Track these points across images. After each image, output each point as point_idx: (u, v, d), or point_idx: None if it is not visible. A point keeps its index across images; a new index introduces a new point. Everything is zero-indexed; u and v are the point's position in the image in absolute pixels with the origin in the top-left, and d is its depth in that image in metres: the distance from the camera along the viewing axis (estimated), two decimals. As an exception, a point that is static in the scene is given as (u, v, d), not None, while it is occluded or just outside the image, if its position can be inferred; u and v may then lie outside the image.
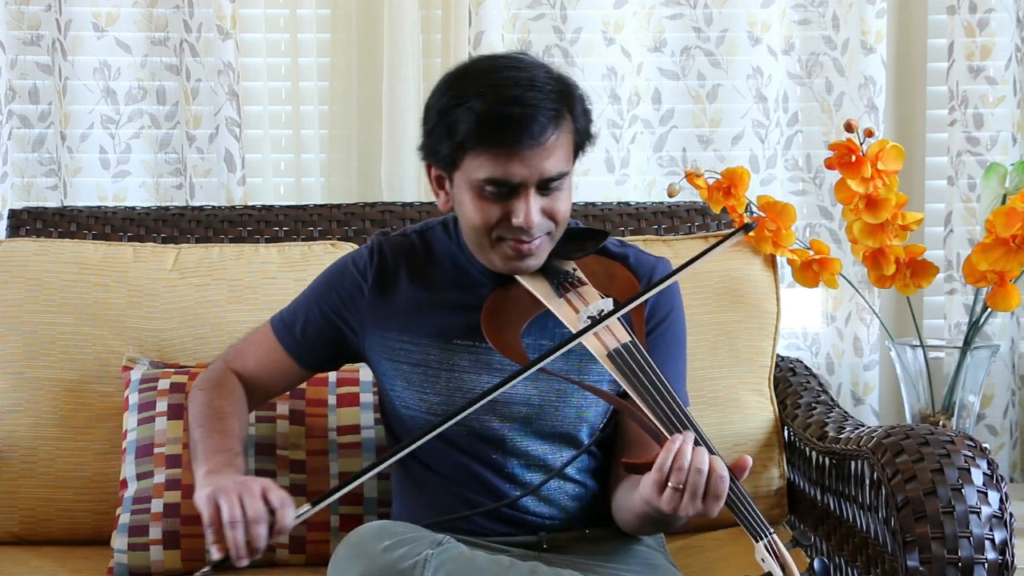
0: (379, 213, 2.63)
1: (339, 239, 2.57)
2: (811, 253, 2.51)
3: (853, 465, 2.10)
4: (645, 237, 2.51)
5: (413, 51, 2.82)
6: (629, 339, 1.82)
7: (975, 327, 2.56)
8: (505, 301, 1.92)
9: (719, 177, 2.51)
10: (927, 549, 1.86)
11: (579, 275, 1.93)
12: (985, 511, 1.87)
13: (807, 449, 2.32)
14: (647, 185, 2.91)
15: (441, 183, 1.92)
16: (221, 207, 2.68)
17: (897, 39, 2.96)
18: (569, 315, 1.87)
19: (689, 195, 2.70)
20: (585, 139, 1.90)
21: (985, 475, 1.90)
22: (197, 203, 2.83)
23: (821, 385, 2.52)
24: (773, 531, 1.67)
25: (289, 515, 1.76)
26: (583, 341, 1.82)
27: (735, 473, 1.70)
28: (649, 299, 1.93)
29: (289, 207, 2.67)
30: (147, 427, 2.26)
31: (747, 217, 2.50)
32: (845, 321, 2.92)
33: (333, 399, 2.27)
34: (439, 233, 2.03)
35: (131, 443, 2.26)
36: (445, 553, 1.73)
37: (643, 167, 2.91)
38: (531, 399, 1.95)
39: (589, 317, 1.85)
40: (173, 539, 2.18)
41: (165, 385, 2.28)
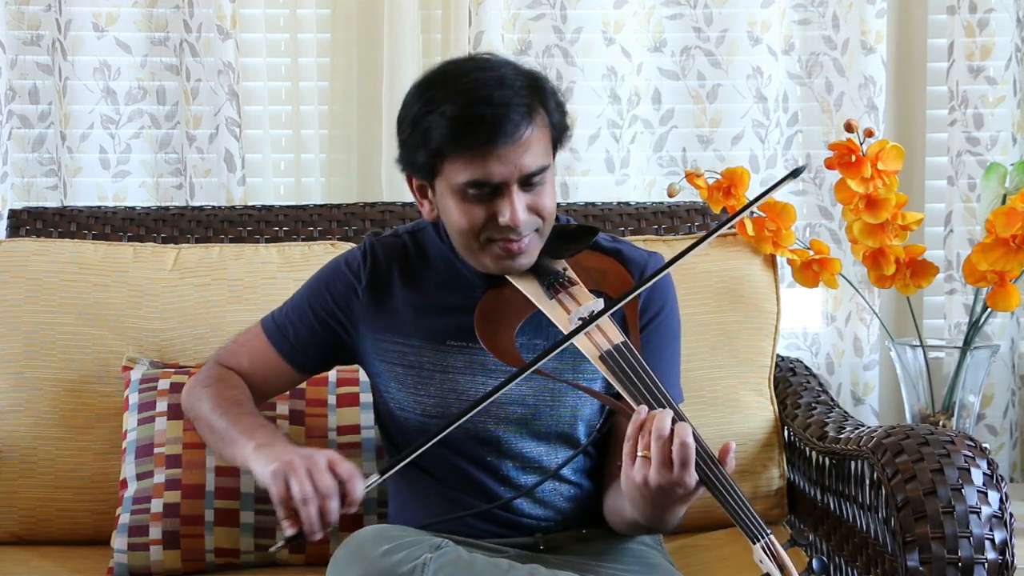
0: (379, 213, 2.63)
1: (339, 239, 2.57)
2: (811, 253, 2.51)
3: (853, 465, 2.10)
4: (645, 237, 2.51)
5: (413, 51, 2.82)
6: (621, 340, 1.82)
7: (975, 327, 2.56)
8: (497, 303, 1.91)
9: (719, 177, 2.51)
10: (927, 549, 1.86)
11: (570, 275, 1.92)
12: (985, 511, 1.87)
13: (807, 449, 2.32)
14: (647, 185, 2.91)
15: (424, 192, 1.92)
16: (221, 207, 2.69)
17: (897, 39, 2.96)
18: (560, 316, 1.86)
19: (689, 195, 2.70)
20: (562, 132, 1.89)
21: (985, 475, 1.90)
22: (197, 203, 2.83)
23: (821, 385, 2.52)
24: (771, 532, 1.67)
25: (359, 486, 1.76)
26: (575, 342, 1.81)
27: (720, 459, 1.69)
28: (641, 294, 1.93)
29: (289, 207, 2.67)
30: (147, 427, 2.26)
31: (747, 218, 2.50)
32: (845, 321, 2.92)
33: (333, 399, 2.27)
34: (431, 234, 2.02)
35: (131, 443, 2.26)
36: (444, 556, 1.73)
37: (643, 167, 2.91)
38: (525, 400, 1.95)
39: (580, 318, 1.84)
40: (173, 539, 2.18)
41: (165, 385, 2.28)
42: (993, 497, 1.88)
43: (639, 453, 1.67)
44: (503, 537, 1.95)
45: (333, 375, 2.28)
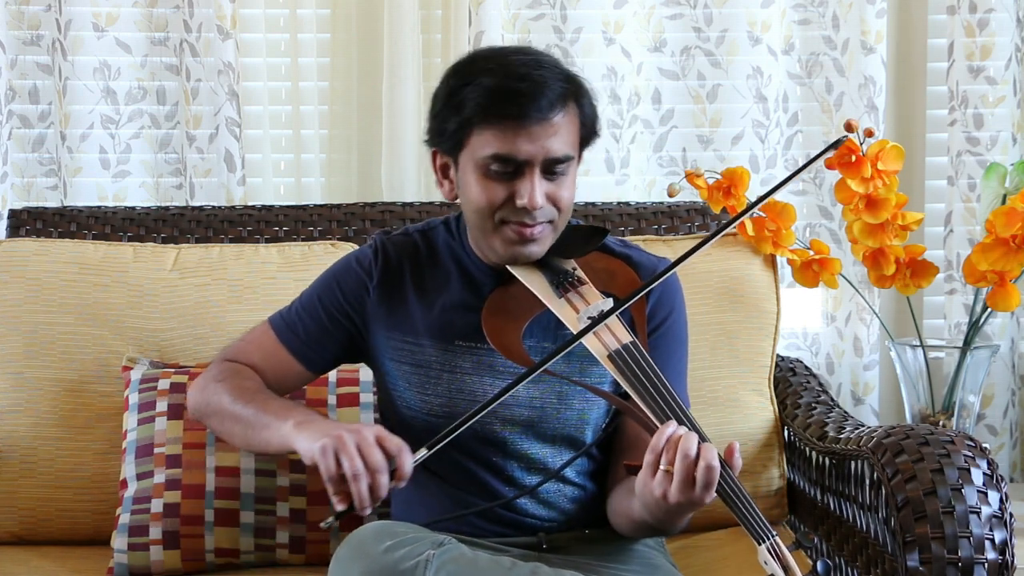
0: (379, 213, 2.63)
1: (339, 239, 2.57)
2: (811, 253, 2.51)
3: (853, 465, 2.10)
4: (645, 237, 2.51)
5: (413, 51, 2.82)
6: (630, 340, 1.82)
7: (975, 327, 2.56)
8: (505, 301, 1.92)
9: (719, 177, 2.51)
10: (927, 549, 1.86)
11: (579, 274, 1.92)
12: (985, 511, 1.87)
13: (807, 449, 2.32)
14: (647, 185, 2.91)
15: (446, 172, 1.92)
16: (221, 207, 2.68)
17: (897, 39, 2.96)
18: (569, 315, 1.87)
19: (689, 195, 2.70)
20: (591, 132, 1.91)
21: (985, 475, 1.90)
22: (197, 203, 2.83)
23: (821, 385, 2.52)
24: (776, 533, 1.67)
25: (408, 461, 1.75)
26: (584, 342, 1.81)
27: (726, 460, 1.69)
28: (651, 298, 1.93)
29: (289, 207, 2.67)
30: (147, 427, 2.26)
31: (747, 218, 2.50)
32: (845, 321, 2.92)
33: (333, 399, 2.27)
34: (441, 232, 2.03)
35: (131, 443, 2.26)
36: (447, 554, 1.73)
37: (643, 167, 2.91)
38: (532, 402, 1.95)
39: (589, 317, 1.84)
40: (173, 539, 2.18)
41: (165, 385, 2.28)
42: (993, 497, 1.88)
43: (662, 467, 1.67)
44: (506, 536, 1.95)
45: (333, 375, 2.27)
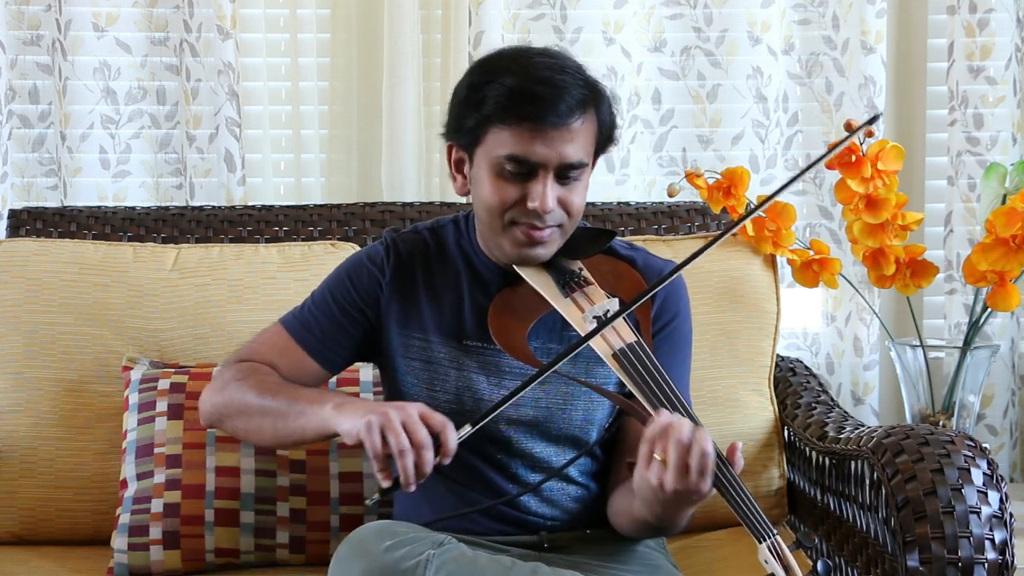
0: (379, 213, 2.63)
1: (339, 239, 2.57)
2: (811, 253, 2.51)
3: (853, 465, 2.10)
4: (645, 237, 2.51)
5: (413, 51, 2.82)
6: (635, 339, 1.83)
7: (975, 327, 2.56)
8: (512, 300, 1.92)
9: (719, 177, 2.51)
10: (927, 549, 1.86)
11: (585, 275, 1.93)
12: (985, 511, 1.87)
13: (807, 449, 2.32)
14: (647, 185, 2.91)
15: (460, 166, 1.93)
16: (221, 207, 2.68)
17: (897, 39, 2.96)
18: (575, 315, 1.87)
19: (689, 195, 2.70)
20: (608, 139, 1.91)
21: (985, 475, 1.90)
22: (197, 203, 2.83)
23: (821, 385, 2.52)
24: (777, 532, 1.67)
25: (452, 437, 1.75)
26: (589, 341, 1.82)
27: (728, 459, 1.69)
28: (656, 300, 1.94)
29: (289, 207, 2.67)
30: (147, 427, 2.26)
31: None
32: (845, 321, 2.92)
33: (333, 399, 2.27)
34: (451, 231, 2.03)
35: (131, 443, 2.26)
36: (447, 553, 1.73)
37: (643, 167, 2.91)
38: (539, 402, 1.96)
39: (595, 317, 1.85)
40: (173, 539, 2.18)
41: (165, 385, 2.28)
42: (993, 497, 1.88)
43: (656, 456, 1.67)
44: (508, 535, 1.95)
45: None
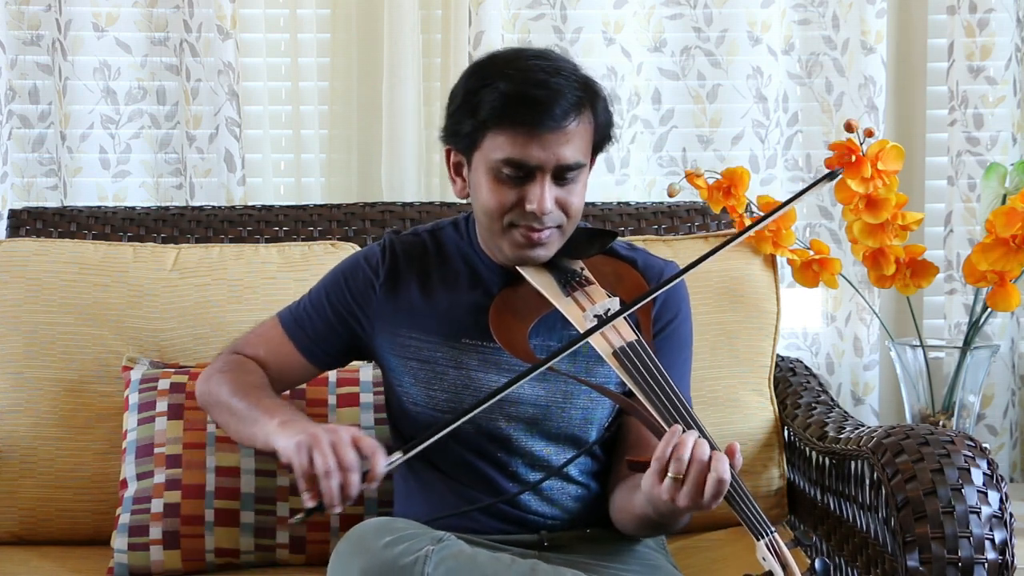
0: (379, 213, 2.63)
1: (339, 239, 2.57)
2: (811, 253, 2.51)
3: (853, 465, 2.10)
4: (645, 237, 2.51)
5: (413, 51, 2.82)
6: (635, 337, 1.83)
7: (975, 327, 2.56)
8: (513, 300, 1.93)
9: (719, 177, 2.51)
10: (927, 549, 1.86)
11: (587, 274, 1.93)
12: (985, 511, 1.87)
13: (807, 449, 2.32)
14: (647, 185, 2.91)
15: (459, 169, 1.93)
16: (221, 207, 2.69)
17: (897, 39, 2.96)
18: (576, 314, 1.87)
19: (689, 195, 2.70)
20: (604, 138, 1.92)
21: (985, 475, 1.90)
22: (197, 203, 2.83)
23: (821, 385, 2.52)
24: (775, 530, 1.67)
25: (381, 463, 1.76)
26: (589, 339, 1.82)
27: (729, 461, 1.70)
28: (657, 300, 1.94)
29: (289, 207, 2.67)
30: (147, 427, 2.26)
31: (747, 218, 2.50)
32: (845, 321, 2.92)
33: (333, 399, 2.27)
34: (450, 232, 2.04)
35: (131, 443, 2.26)
36: (446, 550, 1.73)
37: (643, 167, 2.91)
38: (538, 399, 1.96)
39: (595, 316, 1.85)
40: (173, 539, 2.18)
41: (165, 385, 2.28)
42: (993, 497, 1.88)
43: (670, 474, 1.67)
44: (508, 534, 1.95)
45: (333, 375, 2.28)
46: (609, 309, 1.86)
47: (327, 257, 2.43)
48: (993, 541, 1.86)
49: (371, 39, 2.88)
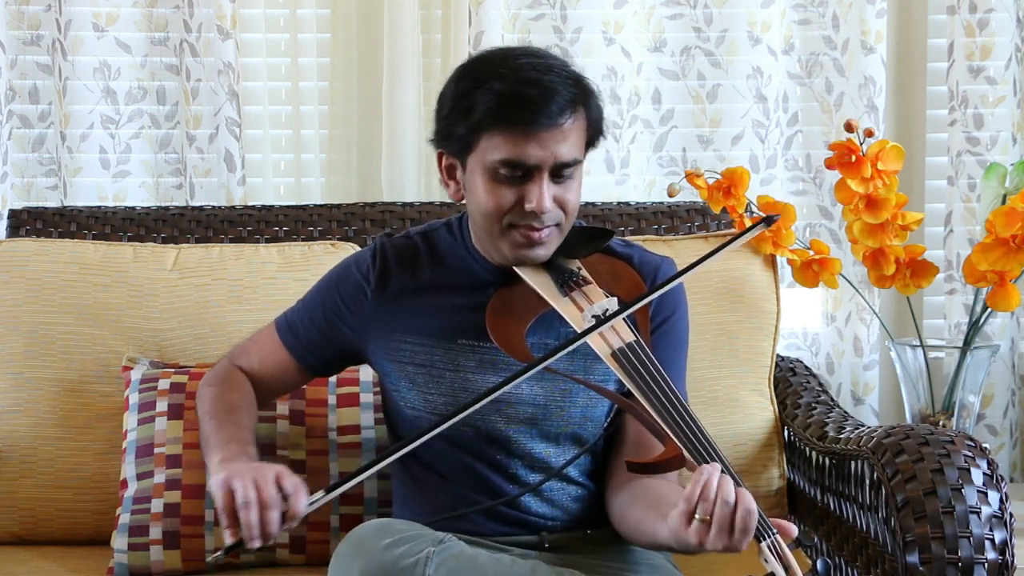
0: (379, 213, 2.63)
1: (339, 239, 2.57)
2: (811, 253, 2.51)
3: (853, 465, 2.10)
4: (645, 237, 2.51)
5: (413, 51, 2.82)
6: (634, 338, 1.82)
7: (975, 327, 2.56)
8: (510, 300, 1.92)
9: (719, 177, 2.51)
10: (927, 549, 1.86)
11: (584, 274, 1.93)
12: (985, 511, 1.87)
13: (807, 449, 2.32)
14: (647, 185, 2.91)
15: (452, 172, 1.93)
16: (221, 207, 2.69)
17: (897, 39, 2.96)
18: (573, 314, 1.87)
19: (689, 195, 2.70)
20: (597, 133, 1.92)
21: (985, 475, 1.90)
22: (197, 203, 2.83)
23: (821, 385, 2.52)
24: (777, 532, 1.66)
25: (302, 501, 1.76)
26: (588, 340, 1.82)
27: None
28: (654, 299, 1.94)
29: (289, 207, 2.67)
30: (147, 427, 2.26)
31: (747, 218, 2.50)
32: (845, 321, 2.92)
33: (333, 399, 2.27)
34: (443, 234, 2.03)
35: (131, 443, 2.26)
36: (447, 551, 1.73)
37: (643, 167, 2.91)
38: (536, 399, 1.95)
39: (593, 316, 1.85)
40: (173, 539, 2.18)
41: (165, 385, 2.28)
42: (993, 497, 1.88)
43: (698, 516, 1.64)
44: (509, 535, 1.95)
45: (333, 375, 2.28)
46: (607, 309, 1.85)
47: (327, 257, 2.43)
48: (993, 541, 1.86)
49: (371, 39, 2.88)
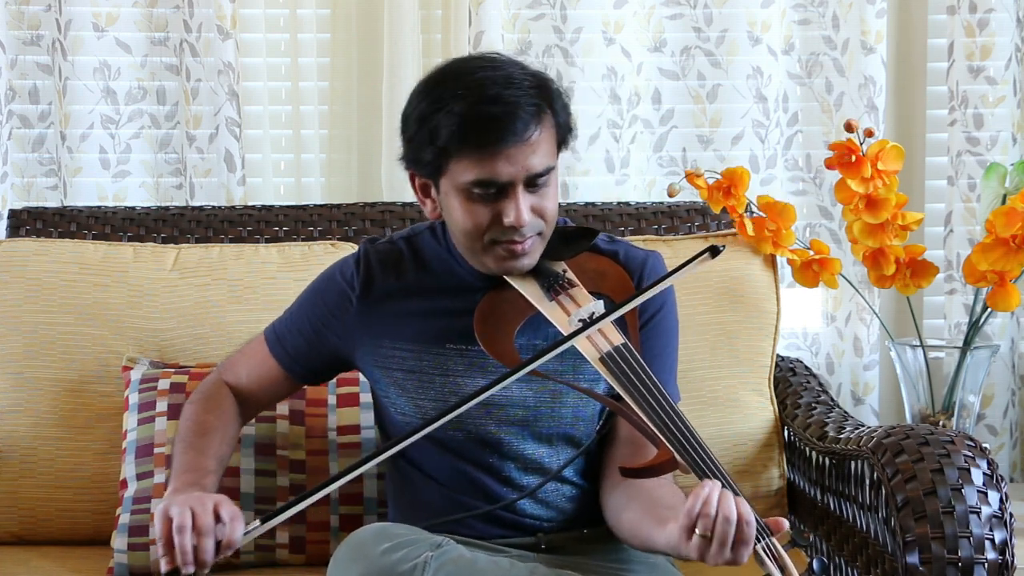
0: (379, 213, 2.63)
1: (339, 239, 2.57)
2: (811, 253, 2.51)
3: (853, 465, 2.10)
4: (645, 237, 2.51)
5: (413, 51, 2.82)
6: (621, 341, 1.82)
7: (975, 327, 2.56)
8: (497, 304, 1.91)
9: (719, 177, 2.51)
10: (927, 549, 1.86)
11: (569, 276, 1.91)
12: (985, 511, 1.87)
13: (807, 449, 2.32)
14: (647, 185, 2.91)
15: (427, 191, 1.91)
16: (221, 207, 2.69)
17: (897, 39, 2.96)
18: (560, 318, 1.86)
19: (689, 195, 2.70)
20: (566, 132, 1.90)
21: (985, 475, 1.90)
22: (197, 203, 2.83)
23: (821, 385, 2.52)
24: (772, 532, 1.66)
25: (238, 530, 1.77)
26: (575, 344, 1.81)
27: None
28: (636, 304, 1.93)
29: (289, 207, 2.67)
30: (147, 427, 2.26)
31: (747, 218, 2.50)
32: (845, 321, 2.92)
33: (333, 399, 2.27)
34: (427, 238, 2.02)
35: (131, 443, 2.26)
36: (445, 555, 1.73)
37: (643, 167, 2.91)
38: (526, 401, 1.95)
39: (580, 320, 1.84)
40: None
41: (165, 385, 2.28)
42: (993, 497, 1.88)
43: (698, 532, 1.63)
44: (505, 538, 1.95)
45: (333, 375, 2.28)
46: (593, 313, 1.84)
47: (327, 257, 2.43)
48: (993, 541, 1.86)
49: (371, 39, 2.88)
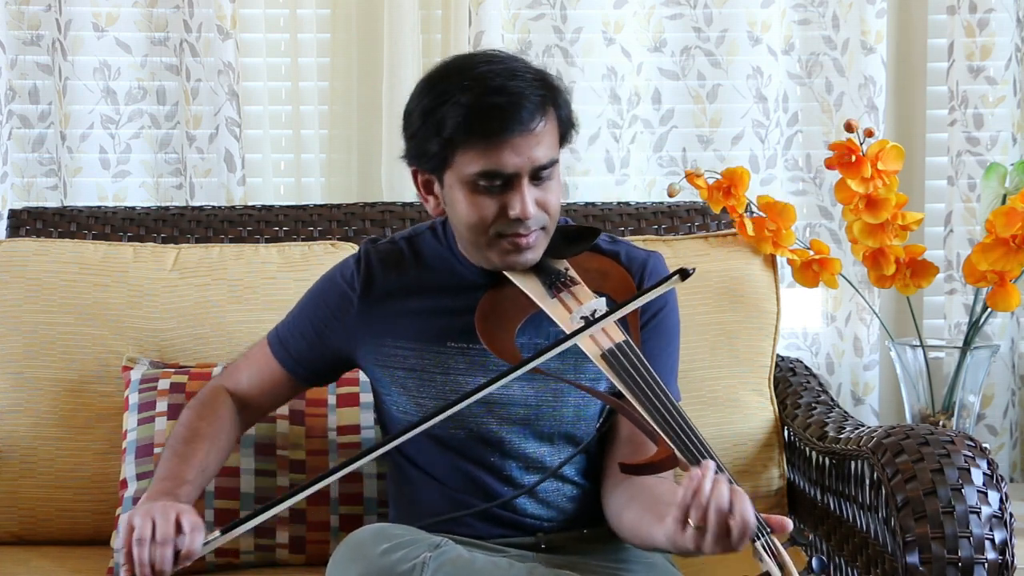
0: (379, 213, 2.63)
1: (339, 239, 2.57)
2: (811, 253, 2.51)
3: (853, 465, 2.10)
4: (645, 237, 2.51)
5: (413, 51, 2.82)
6: (623, 339, 1.82)
7: (975, 327, 2.56)
8: (498, 302, 1.91)
9: (719, 177, 2.51)
10: (927, 549, 1.86)
11: (571, 274, 1.92)
12: (985, 511, 1.87)
13: (807, 449, 2.32)
14: (647, 185, 2.91)
15: (430, 188, 1.92)
16: (221, 207, 2.69)
17: (897, 39, 2.96)
18: (562, 315, 1.86)
19: (689, 195, 2.70)
20: (569, 127, 1.90)
21: (985, 475, 1.90)
22: (197, 203, 2.83)
23: (821, 385, 2.52)
24: (771, 530, 1.66)
25: (198, 540, 1.78)
26: (577, 342, 1.81)
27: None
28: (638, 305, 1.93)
29: (289, 207, 2.67)
30: (147, 427, 2.26)
31: (747, 218, 2.50)
32: (845, 321, 2.92)
33: (333, 399, 2.27)
34: (428, 238, 2.02)
35: (131, 443, 2.27)
36: (443, 555, 1.73)
37: (643, 167, 2.91)
38: (528, 400, 1.95)
39: (582, 317, 1.84)
40: (173, 539, 2.18)
41: (165, 385, 2.28)
42: (993, 497, 1.88)
43: (692, 523, 1.62)
44: (505, 537, 1.95)
45: (333, 375, 2.28)
46: (596, 310, 1.84)
47: (327, 257, 2.43)
48: (993, 541, 1.86)
49: (371, 39, 2.88)
